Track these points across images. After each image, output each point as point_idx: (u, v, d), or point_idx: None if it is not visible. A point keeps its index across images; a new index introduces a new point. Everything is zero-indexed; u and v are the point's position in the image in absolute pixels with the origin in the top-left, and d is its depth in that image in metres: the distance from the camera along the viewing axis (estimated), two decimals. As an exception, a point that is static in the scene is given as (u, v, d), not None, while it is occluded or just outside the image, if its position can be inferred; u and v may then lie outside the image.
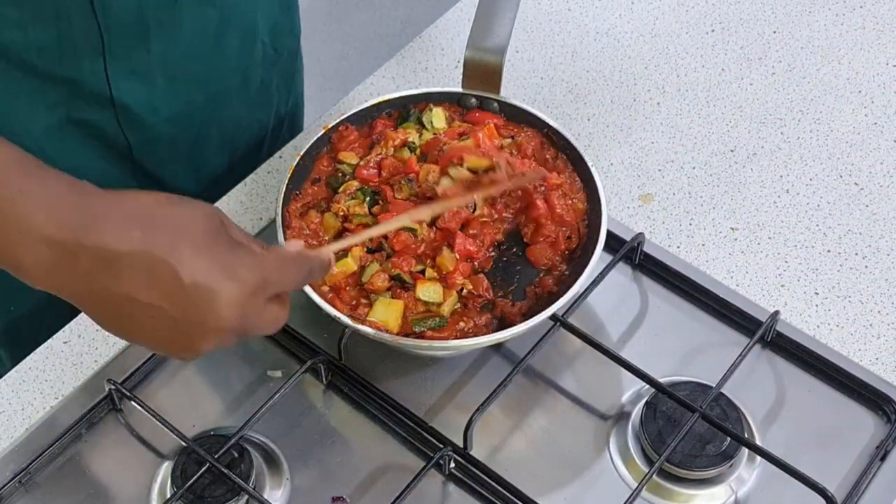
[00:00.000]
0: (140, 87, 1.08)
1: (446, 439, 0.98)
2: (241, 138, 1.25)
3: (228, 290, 0.72)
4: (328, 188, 1.06)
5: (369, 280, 0.98)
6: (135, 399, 0.98)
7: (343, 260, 0.99)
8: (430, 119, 1.09)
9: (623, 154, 1.21)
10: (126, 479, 0.98)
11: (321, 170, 1.07)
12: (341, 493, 0.96)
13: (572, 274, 1.01)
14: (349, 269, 0.99)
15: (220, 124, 1.19)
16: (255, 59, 1.19)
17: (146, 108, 1.10)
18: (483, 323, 0.99)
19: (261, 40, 1.18)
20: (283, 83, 1.28)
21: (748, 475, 0.98)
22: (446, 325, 0.97)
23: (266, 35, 1.19)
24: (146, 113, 1.10)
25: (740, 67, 1.30)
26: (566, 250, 1.03)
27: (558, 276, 1.02)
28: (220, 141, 1.21)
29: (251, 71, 1.19)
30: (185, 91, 1.12)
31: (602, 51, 1.31)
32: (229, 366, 1.04)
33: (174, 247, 0.72)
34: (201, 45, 1.10)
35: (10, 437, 0.99)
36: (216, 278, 0.72)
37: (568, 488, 0.98)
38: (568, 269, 1.03)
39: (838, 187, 1.18)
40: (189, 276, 0.71)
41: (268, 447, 0.99)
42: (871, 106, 1.26)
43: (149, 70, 1.07)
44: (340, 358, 1.02)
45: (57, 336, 1.06)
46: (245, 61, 1.17)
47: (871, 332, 1.07)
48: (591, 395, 1.03)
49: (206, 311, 0.72)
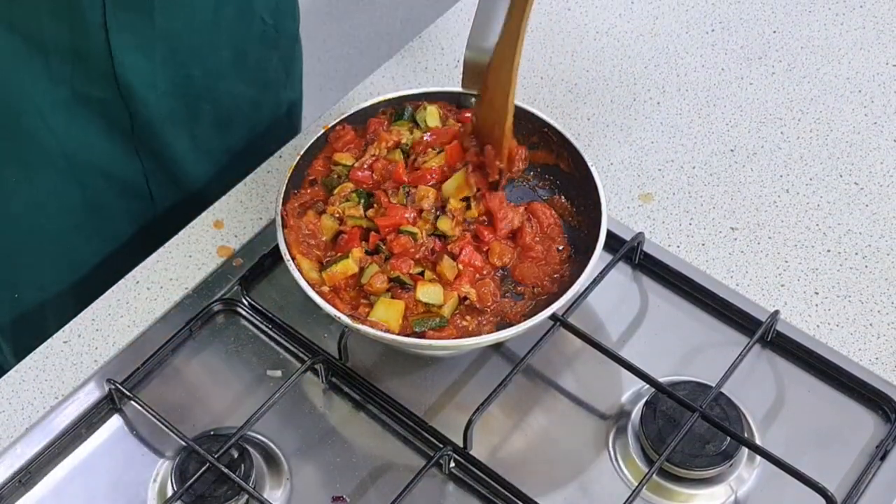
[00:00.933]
0: (142, 61, 1.08)
1: (446, 439, 0.98)
2: (239, 117, 1.25)
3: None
4: (324, 189, 1.06)
5: (368, 281, 0.98)
6: (135, 399, 0.98)
7: (343, 261, 0.99)
8: (423, 118, 1.09)
9: (623, 153, 1.21)
10: (126, 478, 0.98)
11: (317, 170, 1.07)
12: (341, 493, 0.97)
13: (572, 274, 1.01)
14: (349, 271, 0.99)
15: (215, 100, 1.19)
16: (252, 35, 1.18)
17: (147, 82, 1.10)
18: (483, 322, 0.99)
19: (259, 17, 1.18)
20: (283, 66, 1.28)
21: (748, 475, 0.98)
22: (447, 324, 0.97)
23: (266, 13, 1.19)
24: (146, 87, 1.10)
25: (740, 67, 1.30)
26: (560, 261, 1.04)
27: (558, 277, 1.03)
28: (217, 118, 1.21)
29: (248, 46, 1.19)
30: (183, 64, 1.12)
31: (602, 50, 1.31)
32: (229, 365, 1.05)
33: None
34: (201, 17, 1.10)
35: (10, 437, 0.99)
36: None
37: (568, 488, 0.98)
38: (568, 270, 1.03)
39: (838, 187, 1.18)
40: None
41: (268, 447, 0.99)
42: (870, 105, 1.26)
43: (150, 43, 1.08)
44: (340, 358, 1.02)
45: (57, 336, 1.06)
46: (241, 35, 1.17)
47: (870, 331, 1.07)
48: (591, 395, 1.03)
49: None
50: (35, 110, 1.05)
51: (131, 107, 1.11)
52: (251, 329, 1.07)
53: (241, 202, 1.16)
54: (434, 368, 1.04)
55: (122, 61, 1.06)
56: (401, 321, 0.97)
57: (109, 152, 1.13)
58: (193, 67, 1.14)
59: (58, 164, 1.10)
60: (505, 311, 1.00)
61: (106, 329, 1.06)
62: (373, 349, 1.04)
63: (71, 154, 1.11)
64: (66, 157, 1.10)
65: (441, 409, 1.01)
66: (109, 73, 1.07)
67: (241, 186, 1.17)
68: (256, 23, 1.18)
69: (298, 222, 1.03)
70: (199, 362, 1.05)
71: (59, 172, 1.11)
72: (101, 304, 1.08)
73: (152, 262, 1.11)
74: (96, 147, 1.12)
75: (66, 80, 1.06)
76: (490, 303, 1.00)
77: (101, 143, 1.12)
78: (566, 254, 1.04)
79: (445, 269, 0.99)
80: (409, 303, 0.98)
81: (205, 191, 1.22)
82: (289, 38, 1.27)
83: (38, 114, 1.06)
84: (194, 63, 1.13)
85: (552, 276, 1.03)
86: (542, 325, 0.99)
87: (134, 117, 1.12)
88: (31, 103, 1.05)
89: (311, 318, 1.06)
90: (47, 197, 1.13)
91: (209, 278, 1.09)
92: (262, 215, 1.15)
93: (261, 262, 1.09)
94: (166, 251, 1.12)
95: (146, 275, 1.10)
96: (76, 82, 1.06)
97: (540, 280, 1.02)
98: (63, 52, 1.03)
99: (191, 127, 1.19)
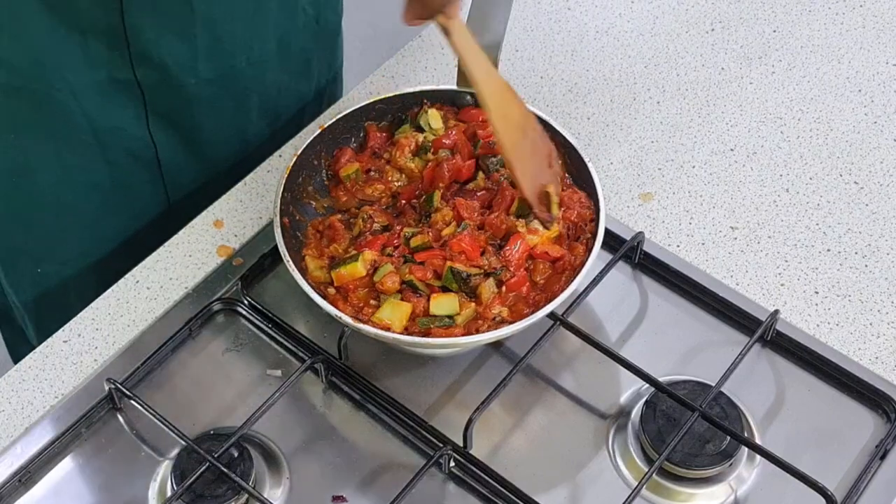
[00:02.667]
0: (180, 46, 1.09)
1: (446, 438, 0.98)
2: (282, 107, 1.26)
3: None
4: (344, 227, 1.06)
5: (381, 279, 0.98)
6: (135, 398, 0.98)
7: (353, 263, 0.99)
8: (426, 121, 1.09)
9: (623, 153, 1.21)
10: (126, 478, 0.98)
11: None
12: (341, 492, 0.97)
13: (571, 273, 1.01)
14: (357, 274, 0.99)
15: (261, 91, 1.20)
16: (296, 27, 1.19)
17: (185, 67, 1.11)
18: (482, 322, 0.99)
19: (302, 8, 1.19)
20: (325, 57, 1.28)
21: (748, 474, 0.98)
22: (454, 325, 0.97)
23: (309, 5, 1.19)
24: (185, 73, 1.11)
25: (740, 66, 1.30)
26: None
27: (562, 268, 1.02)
28: (262, 107, 1.22)
29: (292, 38, 1.20)
30: (227, 53, 1.13)
31: (602, 50, 1.31)
32: (229, 365, 1.05)
33: None
34: (242, 5, 1.11)
35: (10, 436, 0.99)
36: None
37: (568, 487, 0.98)
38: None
39: (838, 186, 1.18)
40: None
41: (268, 446, 0.99)
42: (870, 105, 1.26)
43: (190, 29, 1.08)
44: (340, 357, 1.02)
45: (57, 335, 1.06)
46: (285, 26, 1.18)
47: (870, 331, 1.07)
48: (591, 394, 1.03)
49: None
50: (68, 89, 1.07)
51: (167, 91, 1.12)
52: (251, 328, 1.07)
53: (240, 201, 1.16)
54: (434, 368, 1.04)
55: (159, 45, 1.07)
56: (405, 323, 0.97)
57: (140, 135, 1.15)
58: (238, 57, 1.14)
59: (87, 141, 1.12)
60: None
61: (106, 328, 1.06)
62: (372, 348, 1.04)
63: (101, 133, 1.12)
64: (96, 135, 1.12)
65: (441, 409, 1.01)
66: (146, 57, 1.08)
67: (241, 186, 1.17)
68: (299, 14, 1.19)
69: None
70: (198, 362, 1.05)
71: (87, 148, 1.13)
72: (102, 304, 1.08)
73: (152, 261, 1.11)
74: (128, 129, 1.13)
75: (104, 63, 1.07)
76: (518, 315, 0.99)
77: (133, 125, 1.14)
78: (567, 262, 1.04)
79: (484, 290, 0.98)
80: (417, 307, 0.97)
81: (230, 173, 1.22)
82: (331, 30, 1.27)
83: (71, 92, 1.07)
84: (239, 52, 1.14)
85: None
86: (542, 325, 0.99)
87: (170, 102, 1.13)
88: (64, 82, 1.07)
89: (310, 317, 1.06)
90: (74, 172, 1.15)
91: (209, 278, 1.09)
92: (262, 214, 1.15)
93: (261, 261, 1.09)
94: (166, 250, 1.12)
95: (146, 274, 1.10)
96: (113, 65, 1.08)
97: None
98: (100, 34, 1.04)
99: (235, 115, 1.20)
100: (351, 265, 0.99)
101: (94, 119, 1.11)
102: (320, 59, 1.27)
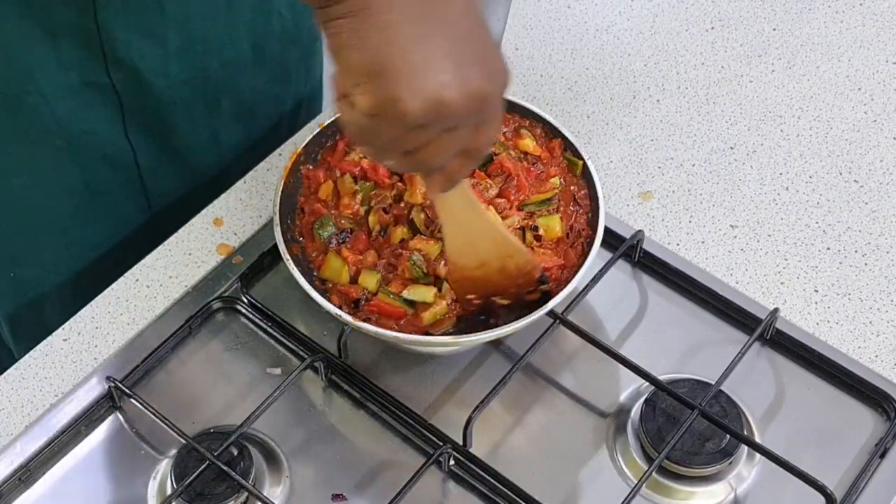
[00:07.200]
0: (151, 47, 1.08)
1: (446, 437, 0.98)
2: (258, 113, 1.25)
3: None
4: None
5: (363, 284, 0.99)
6: (134, 396, 0.98)
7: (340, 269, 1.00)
8: None
9: (622, 151, 1.21)
10: (126, 476, 0.98)
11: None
12: (341, 491, 0.97)
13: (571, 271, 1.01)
14: (342, 280, 1.00)
15: (236, 94, 1.20)
16: (271, 31, 1.19)
17: (156, 69, 1.10)
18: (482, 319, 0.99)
19: (277, 12, 1.18)
20: (303, 63, 1.28)
21: (747, 472, 0.98)
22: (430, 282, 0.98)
23: (285, 9, 1.19)
24: (156, 74, 1.10)
25: (740, 65, 1.30)
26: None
27: (557, 275, 1.02)
28: (237, 111, 1.22)
29: (266, 42, 1.19)
30: (199, 54, 1.12)
31: (601, 48, 1.31)
32: (229, 363, 1.05)
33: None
34: (213, 7, 1.10)
35: (9, 435, 0.99)
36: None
37: (567, 485, 0.98)
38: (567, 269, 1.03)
39: (838, 185, 1.18)
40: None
41: (267, 444, 0.99)
42: (870, 103, 1.26)
43: (162, 31, 1.07)
44: (340, 355, 1.02)
45: (57, 333, 1.06)
46: (259, 31, 1.17)
47: (870, 329, 1.07)
48: (591, 393, 1.03)
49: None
50: (38, 92, 1.06)
51: (138, 93, 1.11)
52: (251, 327, 1.07)
53: (240, 200, 1.16)
54: (434, 366, 1.04)
55: (130, 46, 1.06)
56: (376, 287, 0.98)
57: (117, 139, 1.14)
58: (211, 59, 1.14)
59: (59, 144, 1.11)
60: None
61: (106, 327, 1.06)
62: (372, 347, 1.04)
63: (74, 137, 1.11)
64: (68, 138, 1.11)
65: (441, 407, 1.01)
66: (119, 59, 1.07)
67: (241, 184, 1.17)
68: (275, 17, 1.18)
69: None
70: (198, 360, 1.05)
71: (59, 152, 1.12)
72: (101, 302, 1.08)
73: (152, 259, 1.11)
74: (103, 133, 1.12)
75: (75, 66, 1.06)
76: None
77: (108, 128, 1.12)
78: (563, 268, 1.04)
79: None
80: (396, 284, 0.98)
81: (212, 184, 1.22)
82: (309, 33, 1.27)
83: (41, 95, 1.06)
84: (212, 55, 1.14)
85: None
86: (542, 323, 0.99)
87: (145, 105, 1.12)
88: (35, 85, 1.05)
89: (310, 315, 1.06)
90: (47, 175, 1.13)
91: (209, 276, 1.09)
92: (261, 213, 1.15)
93: (260, 259, 1.09)
94: (166, 249, 1.12)
95: (146, 272, 1.10)
96: (86, 68, 1.06)
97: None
98: (73, 36, 1.03)
99: (209, 119, 1.19)
100: (336, 271, 1.00)
101: (67, 122, 1.09)
102: (298, 65, 1.27)
